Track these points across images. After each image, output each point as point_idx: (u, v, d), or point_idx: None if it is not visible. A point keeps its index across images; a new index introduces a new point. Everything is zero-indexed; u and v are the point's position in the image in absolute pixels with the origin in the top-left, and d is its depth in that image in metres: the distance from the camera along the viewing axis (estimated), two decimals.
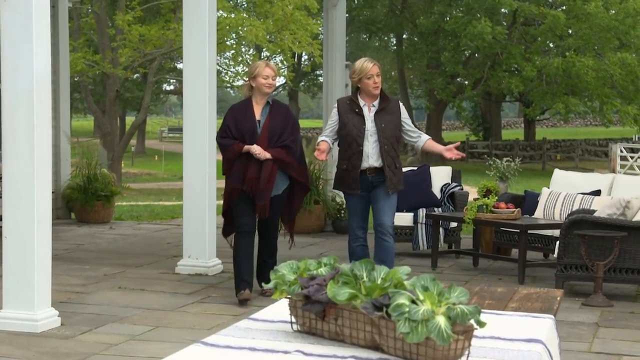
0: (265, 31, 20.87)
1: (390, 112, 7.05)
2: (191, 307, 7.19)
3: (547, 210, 9.29)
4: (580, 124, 67.43)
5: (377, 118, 7.00)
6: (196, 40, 8.39)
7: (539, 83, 30.68)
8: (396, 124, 7.06)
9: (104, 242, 10.79)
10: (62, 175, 12.49)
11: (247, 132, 7.08)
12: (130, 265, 9.08)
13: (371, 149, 6.99)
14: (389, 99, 7.12)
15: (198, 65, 8.41)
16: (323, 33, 12.21)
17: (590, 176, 9.84)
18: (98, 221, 12.33)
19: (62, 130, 12.39)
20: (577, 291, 8.13)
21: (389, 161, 6.99)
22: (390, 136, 7.00)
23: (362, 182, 7.05)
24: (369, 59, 7.04)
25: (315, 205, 11.66)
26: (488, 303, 3.32)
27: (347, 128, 7.02)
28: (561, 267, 7.85)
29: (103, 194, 12.18)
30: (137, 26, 21.57)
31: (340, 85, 11.83)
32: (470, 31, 29.13)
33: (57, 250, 9.90)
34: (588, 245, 7.59)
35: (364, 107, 7.06)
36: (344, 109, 7.09)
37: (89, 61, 22.45)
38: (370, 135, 6.98)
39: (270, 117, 7.13)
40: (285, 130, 7.13)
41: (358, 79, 7.01)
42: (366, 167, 7.02)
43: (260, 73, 7.08)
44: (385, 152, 6.97)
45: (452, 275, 8.89)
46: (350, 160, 7.02)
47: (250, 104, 7.19)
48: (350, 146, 7.02)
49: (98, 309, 7.02)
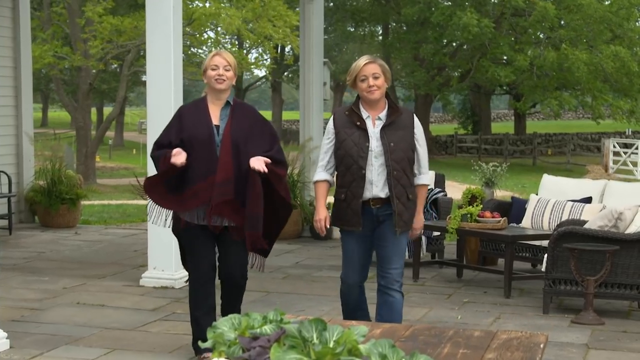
0: (242, 20, 20.51)
1: (401, 127, 5.59)
2: (153, 325, 6.88)
3: (535, 218, 9.01)
4: (572, 117, 67.37)
5: (384, 135, 5.54)
6: (160, 36, 8.05)
7: (530, 76, 30.46)
8: (409, 142, 5.61)
9: (67, 249, 10.45)
10: (25, 176, 12.13)
11: (201, 141, 5.49)
12: (92, 277, 8.75)
13: (376, 175, 5.56)
14: (400, 110, 5.64)
15: (162, 66, 8.07)
16: (300, 28, 11.85)
17: (580, 182, 9.57)
18: (63, 226, 11.98)
19: (24, 130, 12.02)
20: (566, 306, 7.86)
21: (398, 191, 5.56)
22: (400, 159, 5.55)
23: (365, 216, 5.63)
24: (368, 57, 5.65)
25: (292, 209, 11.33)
26: (462, 353, 3.03)
27: (345, 146, 5.58)
28: (549, 281, 7.57)
29: (68, 196, 11.82)
30: (109, 17, 21.16)
31: (318, 84, 11.52)
32: (455, 22, 28.88)
33: (16, 260, 9.59)
34: (578, 260, 7.31)
35: (367, 119, 5.61)
36: (341, 121, 5.64)
37: (58, 54, 22.03)
38: (375, 157, 5.54)
39: (232, 121, 5.56)
40: (252, 138, 5.55)
41: (352, 82, 5.64)
42: (369, 198, 5.60)
43: (209, 64, 5.62)
44: (394, 180, 5.53)
45: (435, 287, 8.61)
46: (350, 188, 5.58)
47: (204, 105, 5.65)
48: (349, 170, 5.58)
49: (53, 328, 6.70)
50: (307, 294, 8.12)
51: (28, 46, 12.23)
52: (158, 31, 8.09)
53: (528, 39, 31.27)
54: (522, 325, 7.12)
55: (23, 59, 12.03)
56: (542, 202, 9.05)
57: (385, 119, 5.60)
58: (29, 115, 12.20)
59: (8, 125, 11.93)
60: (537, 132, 42.08)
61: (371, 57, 5.68)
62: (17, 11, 11.90)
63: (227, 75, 5.61)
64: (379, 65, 5.57)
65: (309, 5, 11.43)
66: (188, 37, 22.81)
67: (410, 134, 5.62)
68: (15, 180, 11.95)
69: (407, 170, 5.60)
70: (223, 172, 5.44)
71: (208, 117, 5.59)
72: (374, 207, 5.61)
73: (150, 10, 8.14)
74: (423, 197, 5.80)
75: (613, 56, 28.78)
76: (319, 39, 11.60)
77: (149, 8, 8.16)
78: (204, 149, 5.48)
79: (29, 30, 12.31)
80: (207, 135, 5.51)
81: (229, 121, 5.58)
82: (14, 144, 12.02)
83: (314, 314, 7.34)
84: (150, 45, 8.15)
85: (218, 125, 5.58)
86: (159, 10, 8.08)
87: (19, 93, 12.00)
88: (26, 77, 12.10)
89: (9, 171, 11.73)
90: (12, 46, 11.93)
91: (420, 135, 5.70)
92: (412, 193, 5.65)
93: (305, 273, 9.22)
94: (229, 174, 5.45)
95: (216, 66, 5.60)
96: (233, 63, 5.66)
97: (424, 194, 5.81)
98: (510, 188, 23.36)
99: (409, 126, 5.63)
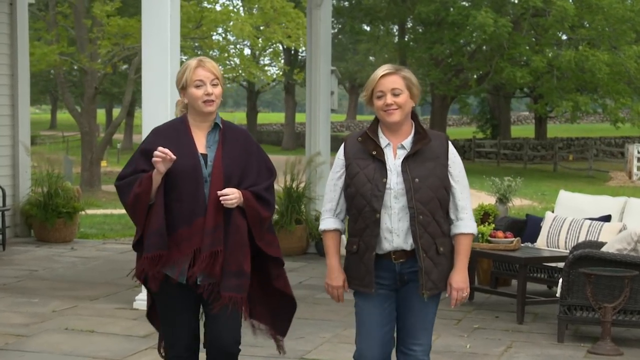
0: (252, 25, 20.34)
1: (430, 158, 4.39)
2: (144, 354, 6.67)
3: (551, 237, 8.75)
4: (595, 120, 66.81)
5: (407, 168, 4.35)
6: (156, 50, 7.82)
7: (549, 77, 30.15)
8: (441, 177, 4.39)
9: (61, 267, 10.24)
10: (21, 189, 11.96)
11: (185, 175, 4.36)
12: (84, 298, 8.53)
13: (396, 221, 4.35)
14: (429, 136, 4.42)
15: (159, 78, 7.84)
16: (307, 35, 11.61)
17: (599, 199, 9.28)
18: (59, 240, 11.78)
19: (20, 140, 11.84)
20: (582, 334, 7.61)
21: (425, 242, 4.35)
22: (428, 199, 4.34)
23: (386, 272, 4.43)
24: (388, 67, 4.45)
25: (296, 225, 11.12)
26: None
27: (356, 182, 4.39)
28: (564, 308, 7.30)
29: (65, 210, 11.63)
30: (117, 18, 21.01)
31: (325, 93, 11.26)
32: (471, 22, 28.59)
33: (7, 279, 9.42)
34: (594, 285, 7.05)
35: (387, 148, 4.43)
36: (353, 150, 4.45)
37: (64, 54, 21.88)
38: (394, 197, 4.35)
39: (223, 148, 4.45)
40: (248, 171, 4.49)
41: (368, 99, 4.48)
42: (389, 250, 4.40)
43: (191, 79, 4.41)
44: (419, 227, 4.33)
45: (444, 310, 8.31)
46: (363, 237, 4.39)
47: (185, 127, 4.48)
48: (361, 213, 4.39)
49: (37, 358, 6.50)
50: (308, 318, 7.88)
51: (26, 52, 12.05)
52: (154, 41, 7.88)
53: (548, 40, 30.92)
54: (535, 356, 6.86)
55: (20, 65, 11.86)
56: (559, 220, 8.79)
57: (410, 147, 4.39)
58: (26, 124, 12.02)
59: (3, 135, 11.75)
60: (558, 137, 41.71)
61: (393, 66, 4.44)
62: (14, 16, 11.74)
63: (216, 92, 4.43)
64: (401, 77, 4.38)
65: (316, 11, 11.19)
66: (197, 41, 22.65)
67: (442, 167, 4.38)
68: (11, 193, 11.78)
69: (437, 215, 4.36)
70: (214, 214, 4.34)
71: (191, 143, 4.42)
72: (397, 261, 4.40)
73: (147, 18, 7.92)
74: (466, 249, 4.44)
75: (637, 57, 28.41)
76: (327, 46, 11.35)
77: (144, 16, 7.94)
78: (189, 184, 4.35)
79: (27, 35, 12.14)
80: (192, 167, 4.36)
81: (219, 148, 4.43)
82: (10, 154, 11.85)
83: (314, 342, 7.12)
84: (147, 54, 7.93)
85: (205, 154, 4.43)
86: (155, 17, 7.87)
87: (16, 101, 11.83)
88: (23, 84, 11.93)
89: (4, 183, 11.55)
90: (9, 53, 11.76)
91: (456, 168, 4.43)
92: (444, 244, 4.40)
93: (307, 294, 8.98)
94: (219, 217, 4.36)
95: (201, 82, 4.40)
96: (220, 74, 4.50)
97: (466, 246, 4.45)
98: (530, 196, 23.07)
99: (440, 156, 4.40)
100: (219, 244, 4.35)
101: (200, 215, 4.35)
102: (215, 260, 4.34)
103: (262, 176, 4.52)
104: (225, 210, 4.36)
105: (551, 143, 40.39)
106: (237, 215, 4.40)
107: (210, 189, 4.36)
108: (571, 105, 29.73)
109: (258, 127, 58.45)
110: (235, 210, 4.39)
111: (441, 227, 4.40)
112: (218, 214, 4.35)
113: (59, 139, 51.51)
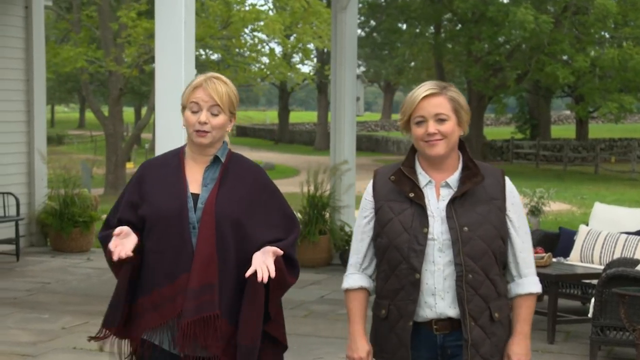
0: (282, 25, 20.26)
1: (482, 200, 3.54)
2: None
3: (585, 252, 8.54)
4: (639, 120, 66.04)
5: (453, 213, 3.51)
6: (170, 58, 7.67)
7: (591, 77, 29.77)
8: (496, 224, 3.53)
9: (75, 279, 10.17)
10: (37, 197, 11.91)
11: (167, 220, 3.58)
12: (96, 314, 8.39)
13: (441, 280, 3.50)
14: (480, 172, 3.56)
15: (172, 87, 7.69)
16: (331, 39, 11.46)
17: (636, 212, 9.04)
18: (75, 250, 11.71)
19: (36, 147, 11.79)
20: (616, 355, 7.40)
21: (475, 307, 3.48)
22: (480, 253, 3.49)
23: (423, 345, 3.58)
24: (430, 85, 3.54)
25: (320, 235, 10.96)
26: None
27: (389, 232, 3.54)
28: (597, 329, 7.09)
29: (81, 219, 11.56)
30: (144, 20, 21.00)
31: (350, 99, 11.09)
32: (511, 19, 28.30)
33: (18, 292, 9.35)
34: (629, 306, 6.80)
35: (428, 187, 3.57)
36: (384, 190, 3.60)
37: (91, 58, 21.93)
38: (438, 251, 3.49)
39: (220, 188, 3.63)
40: (251, 219, 3.62)
41: (405, 123, 3.59)
42: (431, 318, 3.53)
43: (187, 100, 3.66)
44: (468, 288, 3.47)
45: None
46: (395, 300, 3.55)
47: (177, 161, 3.72)
48: (395, 271, 3.54)
49: None
50: (328, 337, 7.73)
51: (42, 57, 11.99)
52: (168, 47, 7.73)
53: (591, 38, 30.54)
54: None
55: (36, 70, 11.81)
56: (593, 234, 8.57)
57: (457, 186, 3.54)
58: (42, 130, 11.97)
59: (18, 142, 11.70)
60: (600, 138, 41.22)
61: (437, 84, 3.55)
62: (29, 19, 11.68)
63: (213, 122, 3.60)
64: (448, 99, 3.51)
65: (341, 14, 11.02)
66: (224, 41, 22.58)
67: (497, 211, 3.54)
68: (26, 201, 11.74)
69: (491, 272, 3.51)
70: (202, 271, 3.54)
71: (180, 181, 3.64)
72: (439, 333, 3.54)
73: (160, 23, 7.77)
74: (530, 313, 3.59)
75: None
76: (352, 51, 11.18)
77: (158, 21, 7.80)
78: (172, 232, 3.56)
79: (43, 39, 12.09)
80: (176, 210, 3.57)
81: (216, 187, 3.62)
82: (25, 162, 11.81)
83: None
84: (160, 61, 7.78)
85: (197, 195, 3.63)
86: (169, 23, 7.72)
87: (31, 107, 11.78)
88: (39, 89, 11.87)
89: (19, 191, 11.51)
90: (24, 57, 11.71)
91: (515, 212, 3.59)
92: (500, 309, 3.53)
93: (329, 310, 8.83)
94: (210, 274, 3.55)
95: (197, 106, 3.61)
96: (227, 99, 3.63)
97: (531, 309, 3.60)
98: (569, 200, 22.76)
99: (496, 197, 3.56)
100: (209, 308, 3.51)
101: (185, 271, 3.54)
102: (201, 328, 3.51)
103: (276, 225, 3.65)
104: (224, 268, 3.57)
105: (592, 144, 39.91)
106: (256, 282, 3.51)
107: (198, 238, 3.55)
108: (615, 107, 29.34)
109: (290, 127, 58.49)
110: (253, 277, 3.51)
111: (496, 287, 3.52)
112: (208, 271, 3.53)
113: (87, 138, 51.83)
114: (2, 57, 11.45)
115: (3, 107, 11.49)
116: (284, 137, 54.97)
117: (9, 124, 11.57)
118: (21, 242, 11.36)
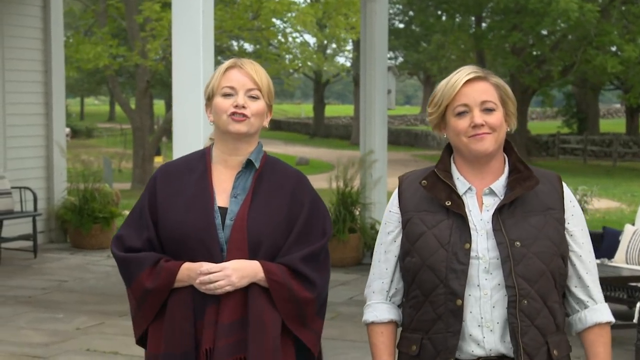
0: (313, 17, 20.17)
1: (537, 209, 2.95)
2: None
3: (631, 253, 8.32)
4: None
5: (501, 225, 2.90)
6: (187, 49, 7.53)
7: None
8: (554, 239, 2.92)
9: (92, 277, 10.12)
10: (56, 192, 11.88)
11: (191, 241, 3.05)
12: (112, 314, 8.36)
13: (489, 308, 2.88)
14: (533, 176, 2.96)
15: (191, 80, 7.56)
16: (361, 30, 11.31)
17: None
18: (95, 247, 11.68)
19: (55, 140, 11.76)
20: None
21: (531, 340, 2.85)
22: (538, 274, 2.88)
23: None
24: (471, 68, 2.94)
25: (350, 234, 10.82)
26: None
27: (422, 249, 2.94)
28: None
29: (101, 215, 11.50)
30: (169, 12, 20.97)
31: (381, 92, 10.93)
32: (554, 8, 27.96)
33: (34, 290, 9.31)
34: None
35: (468, 194, 2.98)
36: (414, 200, 3.02)
37: (114, 55, 21.96)
38: (484, 272, 2.88)
39: (253, 199, 3.11)
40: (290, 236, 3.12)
41: (438, 117, 2.99)
42: (478, 356, 2.89)
43: (218, 85, 3.13)
44: (522, 316, 2.84)
45: None
46: (430, 333, 2.93)
47: (203, 166, 3.18)
48: (430, 296, 2.93)
49: None
50: (355, 341, 7.59)
51: (60, 47, 11.97)
52: (185, 39, 7.60)
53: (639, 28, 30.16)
54: None
55: (54, 61, 11.78)
56: (639, 234, 8.35)
57: (504, 192, 2.96)
58: (61, 123, 11.95)
59: (37, 135, 11.68)
60: None
61: (479, 69, 2.96)
62: (47, 10, 11.65)
63: (252, 108, 3.11)
64: (494, 86, 2.94)
65: (371, 4, 10.86)
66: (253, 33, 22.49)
67: (555, 223, 2.94)
68: (45, 196, 11.72)
69: (549, 299, 2.90)
70: (235, 302, 3.03)
71: (207, 193, 3.11)
72: None
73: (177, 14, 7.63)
74: (608, 349, 3.00)
75: None
76: (383, 42, 11.03)
77: (174, 12, 7.66)
78: (196, 255, 3.05)
79: (62, 30, 12.06)
80: (202, 230, 3.05)
81: (248, 199, 3.10)
82: (44, 155, 11.78)
83: None
84: (177, 54, 7.64)
85: (226, 208, 3.10)
86: (186, 13, 7.59)
87: (50, 99, 11.76)
88: (58, 81, 11.85)
89: (37, 186, 11.48)
90: (43, 48, 11.68)
91: (577, 224, 3.00)
92: (559, 346, 2.90)
93: (357, 312, 8.63)
94: (240, 307, 3.04)
95: (232, 89, 3.11)
96: (267, 84, 3.16)
97: (608, 343, 3.00)
98: (618, 197, 22.45)
99: (552, 207, 2.96)
100: (241, 349, 3.01)
101: (213, 303, 3.02)
102: None
103: (311, 242, 3.13)
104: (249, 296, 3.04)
105: None
106: (262, 304, 3.03)
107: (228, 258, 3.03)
108: None
109: (326, 120, 58.39)
110: (258, 296, 3.05)
111: (555, 317, 2.90)
112: (240, 302, 3.03)
113: (116, 131, 52.06)
114: (19, 47, 11.43)
115: (20, 99, 11.47)
116: (320, 131, 54.88)
117: (26, 117, 11.55)
118: (40, 238, 11.35)
